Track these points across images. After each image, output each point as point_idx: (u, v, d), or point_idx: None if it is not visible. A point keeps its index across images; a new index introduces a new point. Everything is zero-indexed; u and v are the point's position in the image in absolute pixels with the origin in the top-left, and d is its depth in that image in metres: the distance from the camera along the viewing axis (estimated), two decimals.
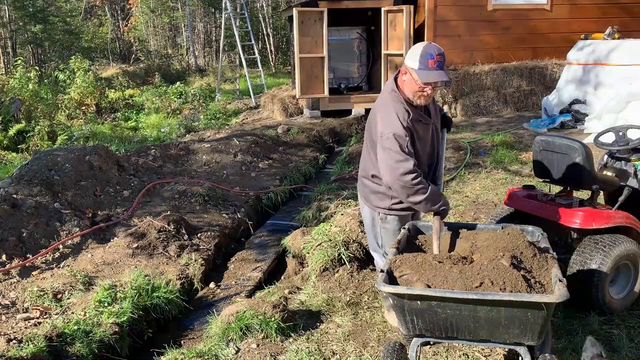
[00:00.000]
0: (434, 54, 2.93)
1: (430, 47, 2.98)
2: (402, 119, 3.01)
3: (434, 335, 2.62)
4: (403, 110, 3.05)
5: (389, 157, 3.00)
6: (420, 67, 2.94)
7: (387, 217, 3.33)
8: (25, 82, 11.89)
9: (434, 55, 2.93)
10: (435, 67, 2.93)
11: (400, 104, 3.06)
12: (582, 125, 8.41)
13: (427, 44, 3.02)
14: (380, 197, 3.30)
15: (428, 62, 2.93)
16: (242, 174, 7.89)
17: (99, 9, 28.83)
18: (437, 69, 2.94)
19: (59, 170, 6.24)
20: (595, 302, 3.45)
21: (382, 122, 3.07)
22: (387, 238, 3.38)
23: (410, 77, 3.03)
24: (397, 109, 3.04)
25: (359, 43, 12.26)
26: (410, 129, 3.04)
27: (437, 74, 2.95)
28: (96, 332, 3.75)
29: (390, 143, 2.99)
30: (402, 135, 2.98)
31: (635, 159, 3.74)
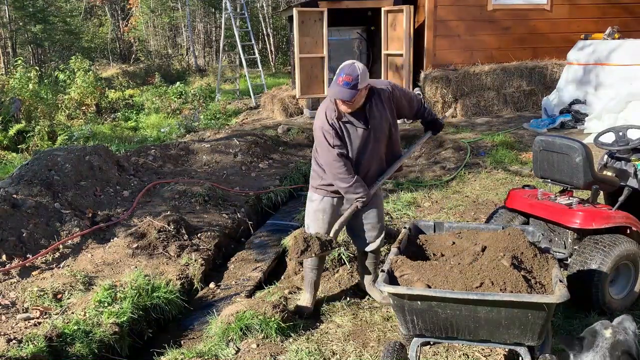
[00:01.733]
0: (344, 73, 3.33)
1: (344, 67, 3.38)
2: (329, 117, 3.46)
3: (434, 335, 2.62)
4: (332, 109, 3.48)
5: (318, 146, 3.56)
6: (333, 82, 3.40)
7: (313, 195, 3.80)
8: (25, 82, 11.88)
9: (343, 74, 3.32)
10: (341, 84, 3.31)
11: (332, 104, 3.49)
12: (582, 125, 8.40)
13: (347, 64, 3.38)
14: (314, 175, 3.78)
15: (337, 79, 3.35)
16: (242, 174, 7.89)
17: (99, 9, 28.83)
18: (341, 87, 3.31)
19: (59, 170, 6.24)
20: (595, 302, 3.45)
21: (316, 119, 3.59)
22: (307, 216, 3.87)
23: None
24: (327, 108, 3.51)
25: (359, 43, 12.25)
26: (335, 126, 3.46)
27: (338, 90, 3.33)
28: (96, 332, 3.75)
29: (318, 135, 3.51)
30: (327, 130, 3.45)
31: (635, 159, 3.74)
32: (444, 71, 10.36)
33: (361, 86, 3.34)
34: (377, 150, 3.65)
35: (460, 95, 10.36)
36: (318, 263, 3.94)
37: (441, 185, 6.60)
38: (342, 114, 3.48)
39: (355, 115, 3.51)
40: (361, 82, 3.33)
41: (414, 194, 6.24)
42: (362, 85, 3.35)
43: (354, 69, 3.33)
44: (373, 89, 3.56)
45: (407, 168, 7.66)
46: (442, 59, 10.59)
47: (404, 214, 5.56)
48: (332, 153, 3.47)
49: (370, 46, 12.20)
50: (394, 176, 6.56)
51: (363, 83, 3.35)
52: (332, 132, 3.46)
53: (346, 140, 3.52)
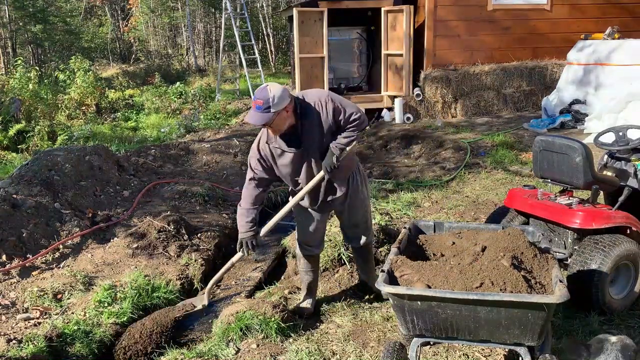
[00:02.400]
0: (255, 97, 3.23)
1: (257, 90, 3.27)
2: (261, 142, 3.47)
3: (434, 336, 2.62)
4: (264, 135, 3.45)
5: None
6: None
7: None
8: (25, 82, 11.88)
9: (255, 98, 3.23)
10: (254, 108, 3.23)
11: (264, 130, 3.43)
12: (582, 125, 8.41)
13: (261, 87, 3.28)
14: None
15: (252, 103, 3.26)
16: (242, 174, 7.87)
17: (99, 9, 28.81)
18: (253, 111, 3.22)
19: (59, 171, 6.24)
20: (595, 302, 3.45)
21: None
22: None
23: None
24: (260, 135, 3.51)
25: (359, 43, 12.25)
26: (262, 151, 3.46)
27: (252, 115, 3.23)
28: (96, 332, 3.75)
29: (248, 160, 3.57)
30: (253, 155, 3.50)
31: (635, 159, 3.74)
32: (444, 71, 10.36)
33: (276, 109, 3.17)
34: (316, 171, 3.51)
35: (460, 95, 10.36)
36: (311, 265, 3.94)
37: (441, 185, 6.60)
38: (272, 137, 3.39)
39: (285, 137, 3.37)
40: (276, 105, 3.16)
41: (414, 194, 6.24)
42: (278, 108, 3.17)
43: (266, 92, 3.19)
44: (302, 106, 3.35)
45: (407, 168, 7.67)
46: (442, 59, 10.58)
47: (404, 214, 5.56)
48: (249, 174, 3.55)
49: (370, 46, 12.19)
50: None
51: (279, 106, 3.18)
52: (256, 157, 3.48)
53: (273, 164, 3.48)
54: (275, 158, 3.46)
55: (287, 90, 3.31)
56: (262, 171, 3.49)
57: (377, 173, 7.56)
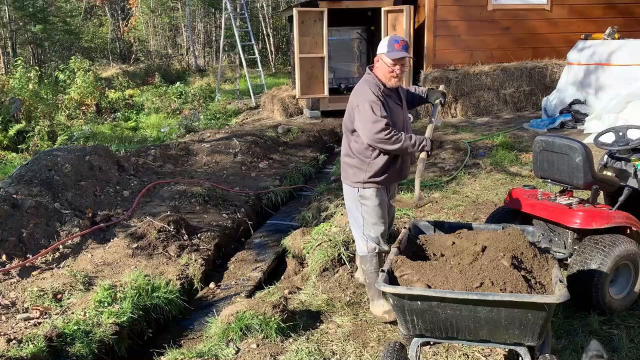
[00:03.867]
0: (398, 39, 3.55)
1: (394, 36, 3.62)
2: (374, 91, 3.51)
3: (434, 336, 2.62)
4: (375, 85, 3.55)
5: (365, 120, 3.47)
6: (388, 50, 3.51)
7: (365, 191, 3.62)
8: (25, 82, 11.88)
9: (398, 40, 3.54)
10: (400, 48, 3.50)
11: (373, 81, 3.58)
12: (582, 126, 8.40)
13: (392, 35, 3.60)
14: (356, 171, 3.63)
15: (394, 45, 3.52)
16: (242, 174, 7.89)
17: (99, 9, 28.80)
18: (402, 50, 3.50)
19: (58, 171, 6.24)
20: (595, 302, 3.45)
21: (357, 97, 3.57)
22: (368, 216, 3.66)
23: (381, 61, 3.55)
24: (369, 85, 3.56)
25: (359, 43, 12.25)
26: (381, 99, 3.49)
27: (403, 52, 3.51)
28: (96, 332, 3.75)
29: (365, 108, 3.47)
30: (375, 100, 3.47)
31: (635, 159, 3.74)
32: (444, 71, 10.36)
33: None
34: (409, 131, 3.69)
35: (460, 95, 10.36)
36: (381, 262, 3.67)
37: (441, 186, 6.59)
38: (383, 88, 3.54)
39: (392, 92, 3.62)
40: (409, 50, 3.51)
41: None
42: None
43: (402, 36, 3.65)
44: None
45: None
46: (442, 59, 10.58)
47: (404, 214, 5.55)
48: (381, 122, 3.41)
49: (370, 46, 12.20)
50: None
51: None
52: (379, 104, 3.45)
53: (388, 113, 3.51)
54: (388, 105, 3.54)
55: None
56: (387, 116, 3.48)
57: None
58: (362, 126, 3.49)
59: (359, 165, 3.61)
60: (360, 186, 3.62)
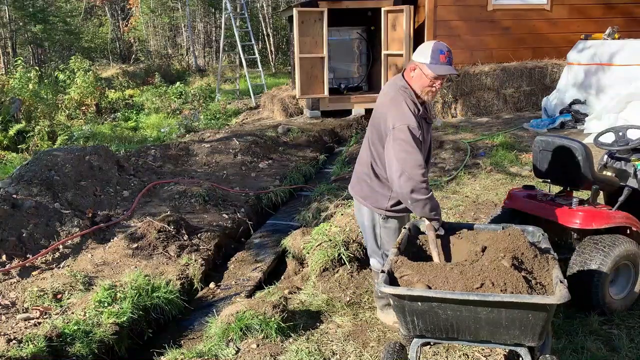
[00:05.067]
0: (444, 50, 3.07)
1: (440, 44, 3.11)
2: (414, 113, 3.06)
3: (434, 336, 2.62)
4: (414, 105, 3.09)
5: (400, 148, 2.98)
6: (432, 62, 3.04)
7: (387, 219, 3.34)
8: (25, 82, 11.88)
9: (444, 51, 3.06)
10: (446, 62, 3.05)
11: (411, 99, 3.11)
12: (582, 126, 8.41)
13: (436, 42, 3.14)
14: (379, 197, 3.30)
15: (439, 57, 3.05)
16: (242, 174, 7.89)
17: (99, 9, 28.81)
18: (447, 64, 3.06)
19: (58, 171, 6.24)
20: (595, 302, 3.45)
21: (394, 115, 3.06)
22: (387, 238, 3.39)
23: (420, 72, 3.10)
24: (409, 104, 3.08)
25: (359, 43, 12.25)
26: (420, 124, 3.07)
27: (448, 68, 3.06)
28: (96, 332, 3.75)
29: (404, 134, 2.98)
30: (416, 127, 3.01)
31: (635, 159, 3.74)
32: None
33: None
34: (430, 149, 3.33)
35: (460, 95, 10.36)
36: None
37: (441, 186, 6.59)
38: (422, 107, 3.11)
39: (424, 105, 3.17)
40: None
41: None
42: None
43: (446, 45, 3.11)
44: None
45: None
46: None
47: None
48: (419, 158, 2.95)
49: (370, 46, 12.20)
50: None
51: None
52: (419, 131, 3.00)
53: (423, 141, 3.08)
54: (423, 128, 3.11)
55: None
56: (422, 146, 3.07)
57: None
58: (398, 157, 2.98)
59: (383, 191, 3.26)
60: (382, 213, 3.31)
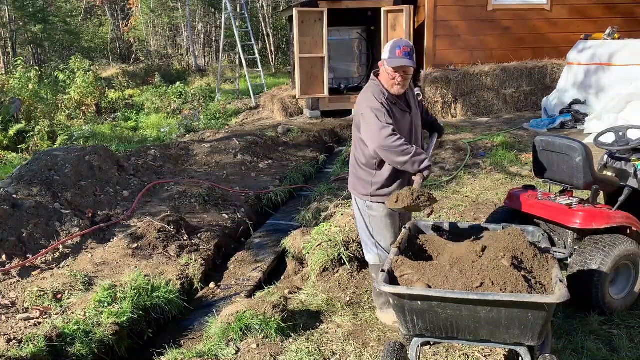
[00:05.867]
0: (401, 45, 3.34)
1: (399, 41, 3.41)
2: (378, 97, 3.38)
3: (434, 336, 2.62)
4: (379, 91, 3.41)
5: (370, 128, 3.33)
6: (389, 57, 3.35)
7: (372, 204, 3.53)
8: (25, 82, 11.88)
9: (401, 46, 3.33)
10: (401, 55, 3.31)
11: (377, 87, 3.44)
12: (582, 126, 8.41)
13: (397, 39, 3.44)
14: (363, 184, 3.54)
15: (396, 52, 3.34)
16: (242, 174, 7.89)
17: (99, 9, 28.82)
18: (403, 57, 3.31)
19: (58, 171, 6.24)
20: (595, 302, 3.45)
21: (361, 105, 3.44)
22: (376, 225, 3.57)
23: (383, 68, 3.42)
24: (373, 91, 3.42)
25: (359, 43, 12.26)
26: (385, 106, 3.35)
27: (402, 60, 3.31)
28: (96, 332, 3.75)
29: (370, 116, 3.33)
30: (379, 107, 3.33)
31: (635, 159, 3.74)
32: (444, 71, 10.36)
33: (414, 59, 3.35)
34: (417, 139, 3.55)
35: (460, 95, 10.36)
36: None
37: (441, 186, 6.59)
38: (387, 95, 3.38)
39: (399, 98, 3.46)
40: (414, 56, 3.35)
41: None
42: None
43: (407, 41, 3.39)
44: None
45: None
46: (442, 59, 10.59)
47: None
48: (387, 130, 3.25)
49: (370, 46, 12.20)
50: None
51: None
52: (383, 110, 3.30)
53: (394, 121, 3.35)
54: (394, 113, 3.40)
55: None
56: (392, 123, 3.33)
57: None
58: (368, 134, 3.33)
59: (365, 177, 3.51)
60: (367, 199, 3.52)
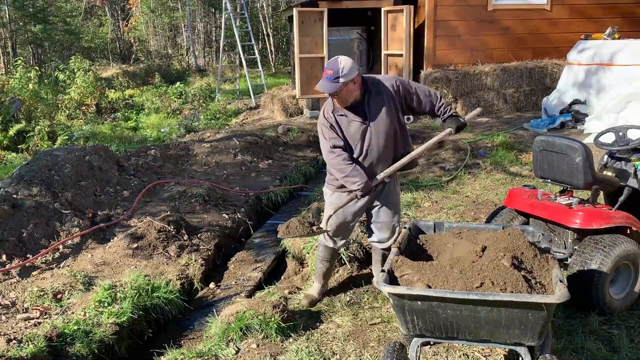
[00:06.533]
0: (327, 68, 3.42)
1: (329, 62, 3.47)
2: (326, 111, 3.58)
3: (434, 336, 2.62)
4: (330, 103, 3.59)
5: (320, 141, 3.64)
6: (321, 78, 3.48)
7: (325, 190, 3.87)
8: (25, 82, 11.88)
9: (327, 68, 3.42)
10: (324, 78, 3.41)
11: (330, 100, 3.59)
12: (582, 126, 8.41)
13: (332, 59, 3.46)
14: (328, 173, 3.82)
15: (323, 73, 3.46)
16: (242, 174, 7.89)
17: (99, 9, 28.81)
18: (324, 80, 3.41)
19: (59, 171, 6.24)
20: (595, 302, 3.45)
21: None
22: (326, 208, 3.89)
23: None
24: (326, 104, 3.62)
25: (359, 43, 12.25)
26: (330, 119, 3.54)
27: (323, 84, 3.42)
28: (96, 332, 3.75)
29: (318, 130, 3.64)
30: (324, 122, 3.57)
31: (635, 159, 3.74)
32: (444, 71, 10.36)
33: (345, 79, 3.36)
34: (381, 147, 3.58)
35: (460, 95, 10.36)
36: (326, 255, 4.01)
37: (441, 186, 6.60)
38: (338, 108, 3.54)
39: (352, 109, 3.53)
40: (345, 76, 3.35)
41: (414, 194, 6.24)
42: (347, 78, 3.36)
43: (337, 63, 3.39)
44: (373, 83, 3.56)
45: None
46: (442, 59, 10.59)
47: (404, 214, 5.55)
48: (327, 145, 3.54)
49: (370, 46, 12.20)
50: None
51: (348, 77, 3.36)
52: (327, 125, 3.53)
53: (341, 133, 3.55)
54: (341, 126, 3.55)
55: (356, 64, 3.49)
56: (338, 137, 3.55)
57: None
58: (321, 146, 3.67)
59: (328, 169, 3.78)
60: (325, 186, 3.88)
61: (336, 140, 3.53)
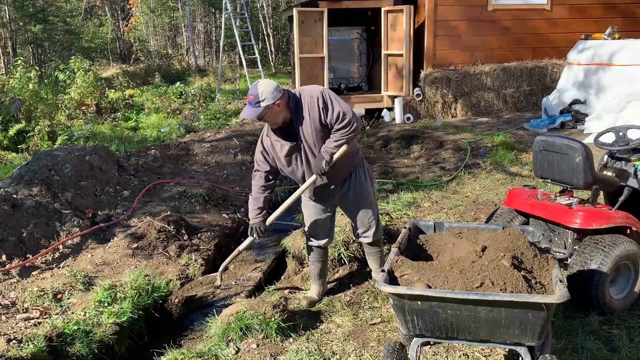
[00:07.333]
0: (249, 93, 3.44)
1: (250, 88, 3.47)
2: (264, 135, 3.65)
3: (434, 336, 2.62)
4: (267, 129, 3.62)
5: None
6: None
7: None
8: (25, 82, 11.87)
9: (248, 94, 3.44)
10: (247, 103, 3.45)
11: (267, 127, 3.61)
12: (582, 126, 8.41)
13: (253, 84, 3.47)
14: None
15: (247, 98, 3.49)
16: (242, 174, 7.88)
17: (99, 9, 28.81)
18: (248, 106, 3.43)
19: (59, 171, 6.24)
20: (595, 302, 3.45)
21: None
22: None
23: None
24: (265, 127, 3.65)
25: (359, 43, 12.24)
26: (266, 144, 3.62)
27: (245, 110, 3.45)
28: (96, 332, 3.74)
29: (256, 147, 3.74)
30: (259, 144, 3.68)
31: (635, 159, 3.75)
32: (444, 71, 10.36)
33: (266, 104, 3.34)
34: (302, 164, 3.64)
35: (460, 95, 10.36)
36: (316, 256, 4.07)
37: (441, 186, 6.60)
38: (270, 131, 3.58)
39: (283, 130, 3.52)
40: (265, 100, 3.34)
41: (414, 194, 6.25)
42: (268, 102, 3.34)
43: (256, 88, 3.40)
44: (298, 102, 3.45)
45: (407, 168, 7.67)
46: (442, 59, 10.59)
47: (404, 214, 5.55)
48: (255, 165, 3.73)
49: (370, 46, 12.19)
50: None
51: (268, 101, 3.34)
52: (260, 148, 3.66)
53: (274, 157, 3.63)
54: (275, 150, 3.60)
55: (278, 86, 3.45)
56: (265, 162, 3.67)
57: (377, 173, 7.55)
58: None
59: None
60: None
61: (262, 164, 3.67)
